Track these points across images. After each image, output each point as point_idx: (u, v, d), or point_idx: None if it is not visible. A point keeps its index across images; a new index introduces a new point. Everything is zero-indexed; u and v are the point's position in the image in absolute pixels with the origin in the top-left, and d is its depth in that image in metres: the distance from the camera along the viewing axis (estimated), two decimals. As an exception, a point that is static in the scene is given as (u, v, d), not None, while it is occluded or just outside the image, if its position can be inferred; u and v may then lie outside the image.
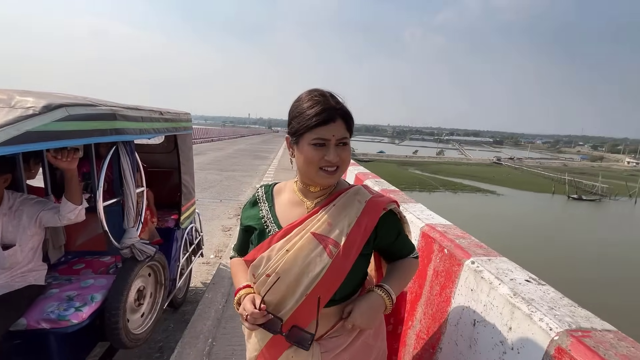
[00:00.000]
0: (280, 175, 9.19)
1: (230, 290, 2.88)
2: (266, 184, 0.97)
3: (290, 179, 0.96)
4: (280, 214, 0.89)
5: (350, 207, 0.85)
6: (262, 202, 0.92)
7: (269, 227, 0.88)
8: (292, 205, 0.89)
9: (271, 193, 0.93)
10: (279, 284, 0.80)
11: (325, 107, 0.77)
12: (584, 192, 49.83)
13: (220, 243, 4.32)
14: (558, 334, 0.66)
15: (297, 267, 0.80)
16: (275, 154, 17.38)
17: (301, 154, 0.80)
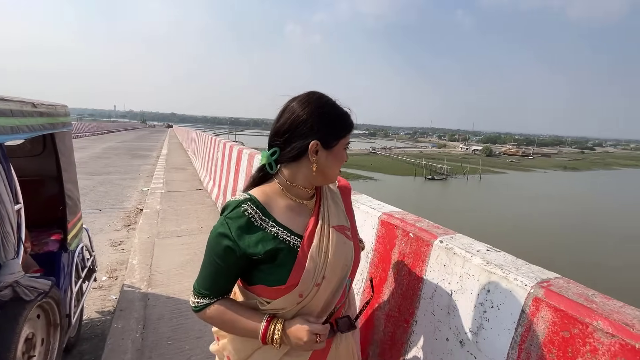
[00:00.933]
0: (174, 176, 8.22)
1: (146, 315, 2.47)
2: (244, 199, 0.81)
3: (186, 179, 0.91)
4: (288, 223, 0.82)
5: (334, 195, 0.95)
6: (259, 220, 0.79)
7: (290, 241, 0.80)
8: (292, 211, 0.84)
9: (263, 207, 0.81)
10: (326, 287, 0.83)
11: (349, 116, 0.85)
12: (436, 173, 62.29)
13: (112, 261, 3.61)
14: (532, 287, 0.84)
15: (340, 263, 0.84)
16: (158, 151, 15.37)
17: (335, 156, 0.83)
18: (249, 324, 0.80)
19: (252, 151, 3.86)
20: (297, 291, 0.79)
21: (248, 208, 0.79)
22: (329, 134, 0.80)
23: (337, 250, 0.83)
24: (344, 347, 0.91)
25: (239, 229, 0.77)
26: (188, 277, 3.05)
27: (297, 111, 0.80)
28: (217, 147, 6.02)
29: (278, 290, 0.79)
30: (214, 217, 4.87)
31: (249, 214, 0.78)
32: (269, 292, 0.81)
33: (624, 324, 0.68)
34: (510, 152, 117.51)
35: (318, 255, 0.80)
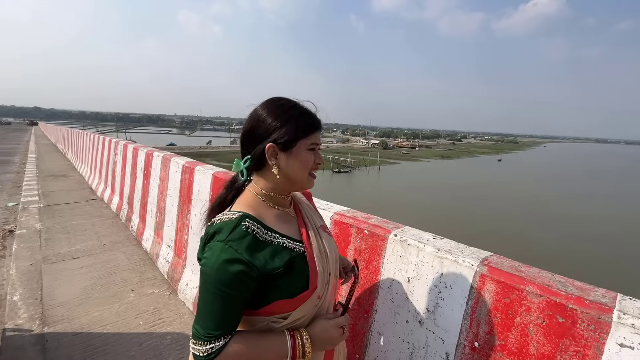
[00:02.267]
0: (52, 185, 6.73)
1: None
2: (239, 217, 0.75)
3: (71, 188, 0.87)
4: (285, 231, 0.82)
5: (302, 198, 0.99)
6: (264, 234, 0.76)
7: (296, 248, 0.80)
8: (280, 220, 0.84)
9: (259, 220, 0.78)
10: (333, 283, 0.88)
11: (313, 115, 0.84)
12: (342, 166, 66.46)
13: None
14: (477, 266, 1.02)
15: (334, 258, 0.89)
16: (22, 155, 12.32)
17: (296, 159, 0.80)
18: (274, 348, 0.74)
19: (165, 154, 3.46)
20: (316, 294, 0.79)
21: (249, 225, 0.74)
22: (284, 135, 0.77)
23: (330, 247, 0.88)
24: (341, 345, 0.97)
25: (248, 248, 0.71)
26: (98, 305, 2.59)
27: (257, 115, 0.80)
28: (115, 150, 5.19)
29: (300, 299, 0.76)
30: (117, 230, 4.21)
31: (252, 231, 0.74)
32: (289, 305, 0.76)
33: (547, 286, 0.89)
34: (401, 145, 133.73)
35: (321, 255, 0.84)
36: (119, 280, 3.00)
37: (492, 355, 0.97)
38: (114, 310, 2.55)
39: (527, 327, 0.90)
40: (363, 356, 1.32)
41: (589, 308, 0.81)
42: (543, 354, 0.87)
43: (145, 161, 3.84)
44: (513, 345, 0.93)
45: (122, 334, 2.28)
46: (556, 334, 0.85)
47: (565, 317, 0.84)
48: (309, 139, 0.80)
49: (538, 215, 33.36)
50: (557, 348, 0.85)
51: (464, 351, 1.03)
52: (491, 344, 0.97)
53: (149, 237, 3.53)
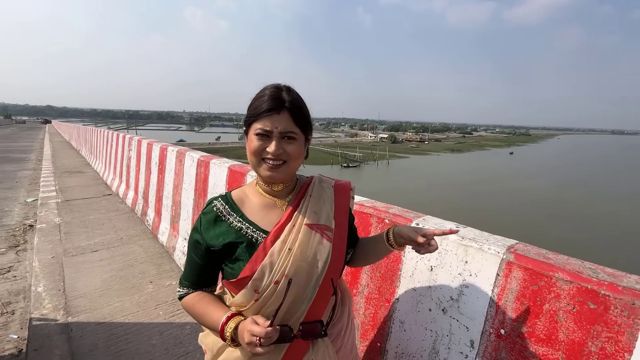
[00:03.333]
0: (69, 181, 6.90)
1: (73, 349, 2.08)
2: (218, 196, 0.87)
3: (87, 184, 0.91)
4: (257, 220, 0.84)
5: (324, 194, 0.90)
6: (227, 215, 0.84)
7: (253, 236, 0.81)
8: (266, 208, 0.86)
9: (233, 203, 0.86)
10: (286, 287, 0.77)
11: (273, 98, 0.77)
12: (350, 161, 66.17)
13: (3, 293, 2.90)
14: (504, 253, 1.01)
15: (306, 262, 0.79)
16: (38, 153, 12.64)
17: (248, 144, 0.81)
18: (213, 318, 0.80)
19: (180, 148, 3.51)
20: (251, 286, 0.76)
21: (217, 204, 0.85)
22: (246, 120, 0.81)
23: (305, 248, 0.79)
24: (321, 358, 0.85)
25: (207, 222, 0.84)
26: (118, 296, 2.66)
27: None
28: (129, 145, 5.28)
29: (233, 284, 0.79)
30: (134, 224, 4.30)
31: (217, 209, 0.84)
32: (229, 287, 0.83)
33: (577, 272, 0.88)
34: (410, 138, 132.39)
35: (280, 251, 0.78)
36: (137, 272, 3.06)
37: (519, 342, 0.96)
38: (134, 300, 2.61)
39: (556, 313, 0.89)
40: (385, 344, 1.33)
41: (622, 294, 0.79)
42: (573, 340, 0.86)
43: (159, 156, 3.89)
44: (541, 332, 0.92)
45: (142, 323, 2.34)
46: (587, 321, 0.84)
47: (597, 304, 0.82)
48: (258, 124, 0.77)
49: (552, 210, 32.77)
50: (588, 334, 0.84)
51: (490, 338, 1.03)
52: (518, 330, 0.97)
53: (165, 230, 3.60)
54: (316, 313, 0.83)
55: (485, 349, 1.04)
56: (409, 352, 1.24)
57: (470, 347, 1.07)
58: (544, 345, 0.92)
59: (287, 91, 0.80)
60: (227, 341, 0.77)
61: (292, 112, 0.78)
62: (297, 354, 0.82)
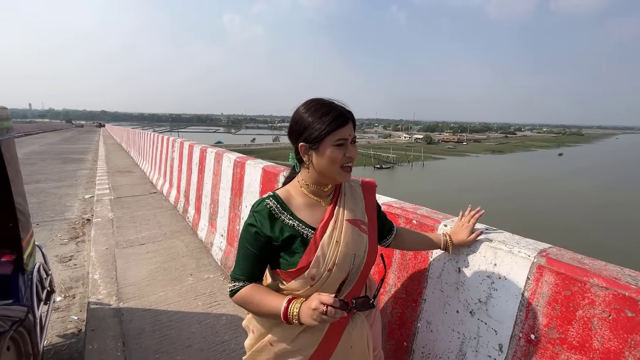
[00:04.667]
0: (120, 180, 7.52)
1: (124, 331, 2.29)
2: (268, 196, 0.95)
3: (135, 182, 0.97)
4: (305, 217, 0.94)
5: (355, 192, 1.03)
6: (279, 212, 0.92)
7: (304, 232, 0.92)
8: (310, 207, 0.96)
9: (282, 202, 0.94)
10: (338, 274, 0.91)
11: (340, 112, 0.89)
12: (383, 162, 65.12)
13: (65, 278, 3.26)
14: (535, 257, 0.99)
15: (351, 252, 0.93)
16: (94, 154, 13.88)
17: (323, 156, 0.88)
18: (272, 305, 0.89)
19: (218, 150, 3.71)
20: (308, 274, 0.89)
21: (270, 202, 0.92)
22: (311, 135, 0.87)
23: (349, 241, 0.92)
24: (357, 333, 0.99)
25: (262, 218, 0.91)
26: (162, 287, 2.88)
27: (295, 115, 0.91)
28: (173, 147, 5.66)
29: (290, 273, 0.91)
30: (176, 220, 4.60)
31: (269, 207, 0.92)
32: (285, 275, 0.93)
33: (614, 279, 0.84)
34: (447, 139, 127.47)
35: (329, 244, 0.90)
36: (179, 265, 3.29)
37: (550, 348, 0.94)
38: (176, 291, 2.82)
39: (590, 320, 0.86)
40: (411, 344, 1.34)
41: (663, 303, 0.76)
42: (609, 349, 0.83)
43: (200, 157, 4.14)
44: (574, 339, 0.89)
45: (183, 312, 2.52)
46: (624, 329, 0.81)
47: (636, 312, 0.79)
48: (335, 135, 0.87)
49: (603, 217, 29.86)
50: (625, 344, 0.80)
51: (519, 343, 1.01)
52: (549, 336, 0.94)
53: (204, 227, 3.82)
54: (357, 293, 0.98)
55: (514, 353, 1.02)
56: (436, 353, 1.24)
57: (498, 351, 1.06)
58: (577, 352, 0.89)
59: (339, 103, 0.91)
60: (294, 319, 0.86)
61: (353, 121, 0.91)
62: (340, 325, 0.96)
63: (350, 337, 0.96)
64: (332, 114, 0.87)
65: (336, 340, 0.94)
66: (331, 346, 0.94)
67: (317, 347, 0.92)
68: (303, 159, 0.92)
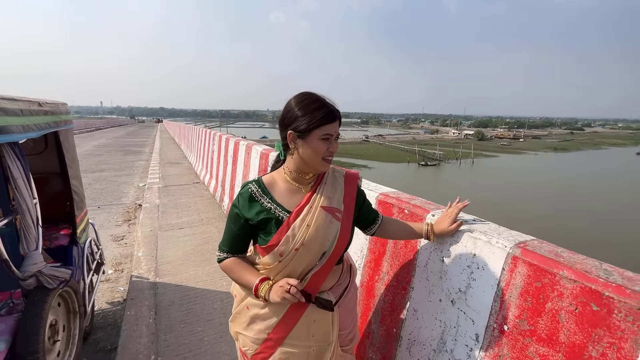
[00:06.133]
0: (169, 170, 8.24)
1: (157, 302, 2.59)
2: (252, 181, 1.04)
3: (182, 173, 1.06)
4: (283, 201, 1.02)
5: (336, 182, 1.08)
6: (259, 196, 1.01)
7: (280, 215, 1.00)
8: (291, 193, 1.03)
9: (264, 187, 1.02)
10: (305, 254, 0.99)
11: (330, 109, 0.96)
12: (429, 159, 62.55)
13: (116, 255, 3.71)
14: (511, 247, 0.98)
15: (320, 236, 0.99)
16: (150, 147, 15.26)
17: (309, 147, 0.96)
18: (247, 279, 1.02)
19: (249, 142, 3.93)
20: (277, 251, 0.98)
21: (252, 187, 1.02)
22: (301, 125, 0.93)
23: (320, 226, 0.99)
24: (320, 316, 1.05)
25: (243, 201, 1.01)
26: (194, 266, 3.17)
27: (287, 105, 0.97)
28: (213, 140, 6.06)
29: (264, 249, 1.00)
30: (213, 208, 4.96)
31: (251, 191, 1.01)
32: (261, 251, 1.02)
33: (584, 272, 0.81)
34: (501, 135, 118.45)
35: (300, 227, 0.98)
36: (210, 248, 3.58)
37: (520, 340, 0.93)
38: (205, 271, 3.08)
39: (558, 313, 0.84)
40: (400, 330, 1.37)
41: (629, 297, 0.72)
42: (574, 342, 0.81)
43: (233, 149, 4.41)
44: (543, 331, 0.88)
45: (209, 290, 2.77)
46: (589, 323, 0.78)
47: (601, 306, 0.76)
48: (322, 130, 0.94)
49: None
50: (589, 338, 0.78)
51: (493, 333, 1.00)
52: (520, 328, 0.93)
53: (235, 215, 4.09)
54: (322, 277, 1.04)
55: (489, 344, 1.02)
56: (420, 340, 1.26)
57: (475, 341, 1.06)
58: (544, 345, 0.87)
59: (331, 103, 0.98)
60: (261, 298, 0.99)
61: (339, 120, 0.99)
62: (298, 311, 1.04)
63: (313, 312, 1.04)
64: (323, 110, 0.93)
65: (300, 312, 1.03)
66: (295, 317, 1.03)
67: (283, 316, 1.03)
68: (290, 146, 0.98)
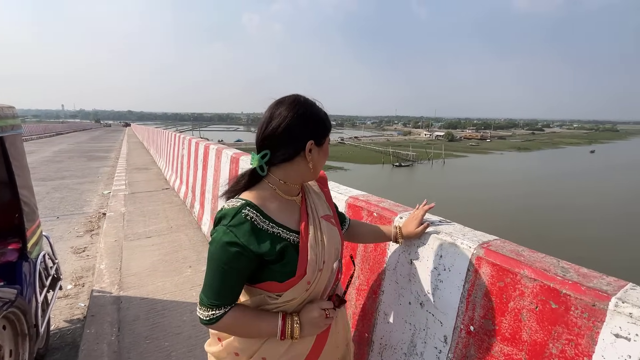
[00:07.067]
0: (137, 176, 7.86)
1: (120, 318, 2.43)
2: (242, 205, 0.81)
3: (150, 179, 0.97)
4: (284, 221, 0.87)
5: (314, 187, 1.02)
6: (262, 222, 0.82)
7: (289, 238, 0.85)
8: (285, 209, 0.89)
9: (260, 209, 0.83)
10: (326, 271, 0.90)
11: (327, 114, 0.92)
12: (402, 160, 64.18)
13: (77, 268, 3.46)
14: (475, 248, 0.98)
15: (333, 248, 0.92)
16: (117, 152, 14.53)
17: (324, 153, 0.90)
18: (264, 325, 0.84)
19: (219, 146, 3.82)
20: (305, 280, 0.84)
21: (249, 213, 0.80)
22: (320, 133, 0.87)
23: (329, 237, 0.91)
24: (340, 320, 1.01)
25: (246, 234, 0.79)
26: (161, 277, 3.01)
27: (289, 115, 0.82)
28: (183, 145, 5.86)
29: (289, 283, 0.84)
30: (183, 215, 4.77)
31: (251, 218, 0.80)
32: (280, 287, 0.84)
33: (543, 270, 0.83)
34: (470, 136, 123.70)
35: (316, 244, 0.87)
36: (180, 257, 3.43)
37: (486, 340, 0.94)
38: (174, 282, 2.94)
39: (520, 312, 0.86)
40: (371, 335, 1.35)
41: (584, 294, 0.74)
42: (535, 340, 0.82)
43: (204, 154, 4.27)
44: (506, 330, 0.89)
45: (178, 301, 2.64)
46: (549, 321, 0.79)
47: (559, 303, 0.78)
48: (327, 137, 0.90)
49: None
50: (549, 335, 0.79)
51: (461, 335, 1.01)
52: (485, 328, 0.94)
53: (207, 221, 3.95)
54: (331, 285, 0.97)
55: (456, 345, 1.02)
56: (391, 344, 1.25)
57: (444, 343, 1.06)
58: (509, 344, 0.88)
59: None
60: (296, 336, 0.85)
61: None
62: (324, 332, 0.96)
63: (336, 329, 0.98)
64: (327, 114, 0.90)
65: (325, 336, 0.94)
66: (324, 336, 0.94)
67: (312, 344, 0.92)
68: (307, 158, 0.85)
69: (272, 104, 0.86)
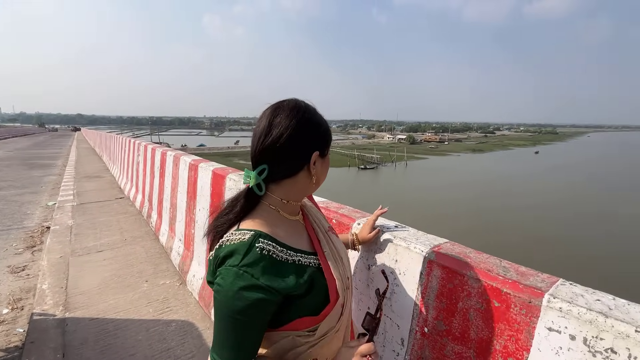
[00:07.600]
0: (87, 185, 7.28)
1: (65, 342, 2.22)
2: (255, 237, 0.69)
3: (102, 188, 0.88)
4: (297, 244, 0.76)
5: (306, 200, 0.92)
6: (279, 252, 0.70)
7: (310, 262, 0.75)
8: (293, 231, 0.78)
9: (271, 237, 0.71)
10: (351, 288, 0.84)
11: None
12: (367, 162, 65.82)
13: (15, 290, 3.12)
14: (427, 252, 1.02)
15: (347, 262, 0.86)
16: (64, 159, 13.38)
17: (327, 164, 0.80)
18: None
19: (177, 153, 3.66)
20: (339, 303, 0.76)
21: (264, 245, 0.68)
22: (324, 143, 0.77)
23: (341, 250, 0.84)
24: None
25: (266, 272, 0.66)
26: (114, 294, 2.81)
27: (292, 124, 0.71)
28: (138, 151, 5.53)
29: (325, 313, 0.74)
30: (139, 226, 4.50)
31: (268, 252, 0.68)
32: (315, 320, 0.73)
33: (487, 270, 0.88)
34: (429, 139, 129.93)
35: (335, 262, 0.79)
36: (135, 271, 3.22)
37: (438, 341, 0.97)
38: (128, 298, 2.75)
39: (468, 312, 0.90)
40: (333, 342, 1.35)
41: (521, 292, 0.80)
42: (482, 338, 0.87)
43: (160, 160, 4.06)
44: (457, 330, 0.93)
45: (132, 320, 2.46)
46: (493, 319, 0.84)
47: (501, 302, 0.83)
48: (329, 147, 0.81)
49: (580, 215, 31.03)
50: (493, 333, 0.84)
51: (416, 337, 1.04)
52: (438, 329, 0.98)
53: (165, 231, 3.75)
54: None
55: (412, 347, 1.05)
56: (352, 350, 1.26)
57: (401, 345, 1.09)
58: (459, 343, 0.92)
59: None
60: None
61: None
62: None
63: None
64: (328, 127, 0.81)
65: None
66: None
67: None
68: (311, 171, 0.75)
69: (268, 110, 0.74)
